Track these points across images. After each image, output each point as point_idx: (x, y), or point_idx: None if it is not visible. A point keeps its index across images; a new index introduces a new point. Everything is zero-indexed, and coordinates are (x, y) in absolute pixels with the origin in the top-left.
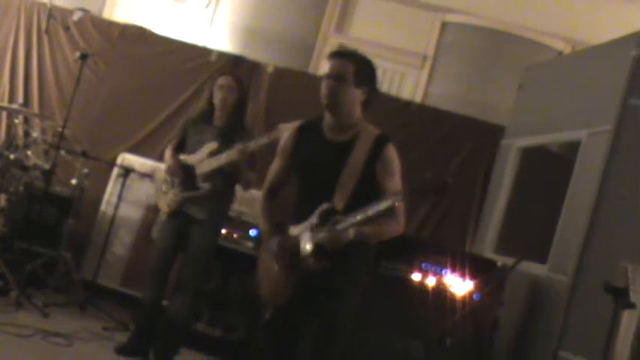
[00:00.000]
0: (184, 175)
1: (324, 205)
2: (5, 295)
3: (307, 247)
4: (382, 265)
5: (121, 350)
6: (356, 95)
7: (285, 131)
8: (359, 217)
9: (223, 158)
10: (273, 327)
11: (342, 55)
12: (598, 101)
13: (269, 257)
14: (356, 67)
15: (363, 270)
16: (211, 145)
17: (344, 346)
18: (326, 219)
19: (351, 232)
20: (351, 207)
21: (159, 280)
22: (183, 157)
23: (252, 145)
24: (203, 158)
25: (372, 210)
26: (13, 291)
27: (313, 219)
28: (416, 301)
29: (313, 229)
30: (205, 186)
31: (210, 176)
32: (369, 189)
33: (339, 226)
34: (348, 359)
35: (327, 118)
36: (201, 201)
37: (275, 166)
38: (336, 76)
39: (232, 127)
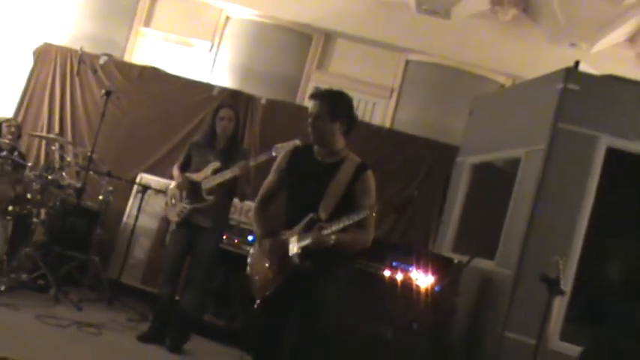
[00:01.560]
0: (191, 189)
1: (311, 215)
2: (46, 292)
3: (294, 249)
4: (359, 262)
5: (142, 338)
6: (335, 128)
7: (281, 149)
8: (341, 224)
9: (228, 174)
10: (263, 313)
11: (316, 97)
12: (533, 125)
13: (261, 255)
14: (329, 106)
15: (339, 268)
16: (215, 164)
17: (325, 330)
18: (311, 227)
19: (332, 239)
20: (333, 218)
21: (172, 279)
22: (189, 174)
23: (253, 161)
24: (208, 175)
25: (351, 218)
26: (52, 289)
27: (300, 226)
28: (387, 293)
29: (300, 234)
30: (210, 199)
31: (214, 190)
32: (348, 205)
33: (324, 232)
34: (330, 341)
35: (316, 146)
36: (207, 211)
37: (269, 180)
38: (314, 116)
39: (231, 149)
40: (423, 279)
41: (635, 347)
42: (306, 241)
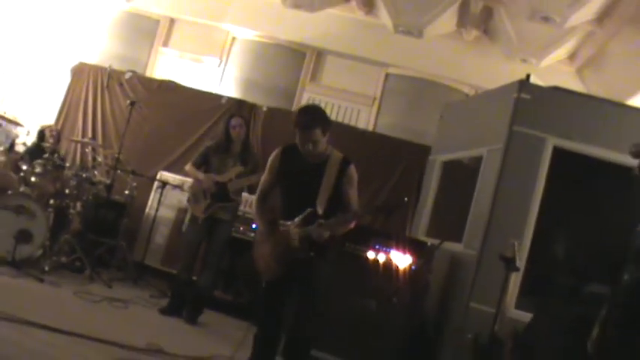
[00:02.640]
0: (217, 189)
1: (309, 210)
2: (81, 272)
3: (295, 238)
4: (347, 246)
5: (163, 311)
6: (325, 139)
7: None
8: (335, 222)
9: (254, 178)
10: (269, 292)
11: (309, 127)
12: (493, 128)
13: (263, 243)
14: (321, 128)
15: (331, 253)
16: (238, 168)
17: (319, 304)
18: (309, 219)
19: (328, 232)
20: (328, 210)
21: (189, 262)
22: (214, 176)
23: None
24: (232, 178)
25: (343, 217)
26: (87, 269)
27: (299, 218)
28: (371, 272)
29: (299, 225)
30: (238, 199)
31: (239, 191)
32: (338, 197)
33: (324, 228)
34: (323, 313)
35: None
36: (228, 207)
37: (265, 179)
38: (313, 142)
39: (246, 153)
40: (401, 259)
41: (573, 312)
42: (308, 234)
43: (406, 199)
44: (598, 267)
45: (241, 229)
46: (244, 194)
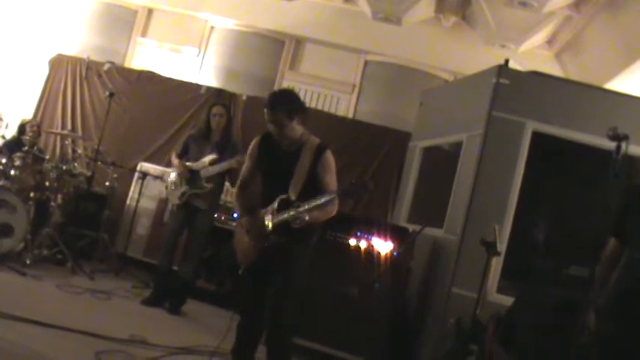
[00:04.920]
0: (191, 177)
1: (282, 196)
2: (63, 265)
3: (269, 226)
4: (328, 233)
5: (145, 302)
6: (293, 124)
7: None
8: (312, 203)
9: (225, 165)
10: (246, 280)
11: (268, 107)
12: (472, 113)
13: (242, 231)
14: (283, 111)
15: (310, 239)
16: (212, 156)
17: (296, 292)
18: (283, 206)
19: (307, 216)
20: (302, 197)
21: (170, 252)
22: (189, 164)
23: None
24: (205, 165)
25: (319, 199)
26: (69, 262)
27: (274, 205)
28: (353, 258)
29: (273, 212)
30: (209, 185)
31: (211, 179)
32: (313, 183)
33: (300, 209)
34: (305, 300)
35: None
36: (204, 195)
37: (245, 167)
38: (275, 123)
39: (225, 142)
40: (383, 246)
41: (554, 295)
42: (283, 217)
43: (371, 182)
44: (578, 250)
45: (223, 218)
46: (227, 184)
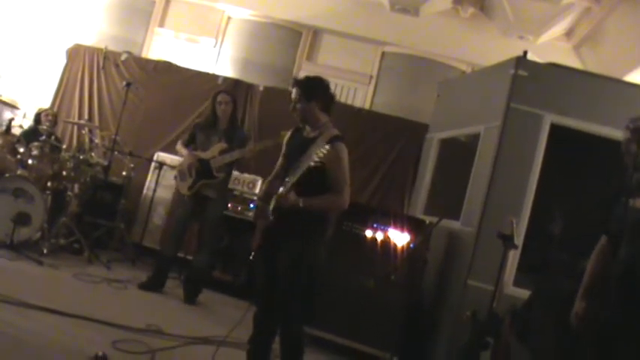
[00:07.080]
0: (201, 166)
1: (286, 180)
2: (80, 254)
3: (270, 207)
4: (345, 224)
5: (142, 286)
6: (311, 107)
7: (284, 136)
8: (288, 185)
9: (236, 154)
10: (257, 268)
11: (292, 85)
12: (490, 105)
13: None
14: (302, 90)
15: (318, 226)
16: (221, 145)
17: (311, 286)
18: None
19: (299, 201)
20: (303, 183)
21: (177, 240)
22: (198, 153)
23: (259, 145)
24: (215, 155)
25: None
26: (86, 251)
27: (282, 189)
28: (369, 250)
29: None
30: (221, 175)
31: (221, 168)
32: (319, 173)
33: (279, 193)
34: (323, 291)
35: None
36: (213, 184)
37: (279, 162)
38: (293, 101)
39: (232, 130)
40: (399, 237)
41: (569, 288)
42: (279, 203)
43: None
44: (594, 243)
45: (239, 208)
46: (234, 172)
